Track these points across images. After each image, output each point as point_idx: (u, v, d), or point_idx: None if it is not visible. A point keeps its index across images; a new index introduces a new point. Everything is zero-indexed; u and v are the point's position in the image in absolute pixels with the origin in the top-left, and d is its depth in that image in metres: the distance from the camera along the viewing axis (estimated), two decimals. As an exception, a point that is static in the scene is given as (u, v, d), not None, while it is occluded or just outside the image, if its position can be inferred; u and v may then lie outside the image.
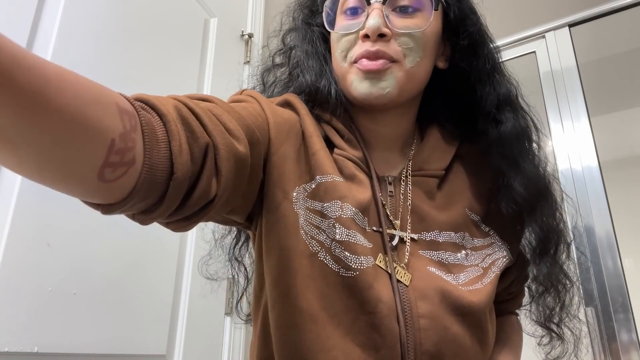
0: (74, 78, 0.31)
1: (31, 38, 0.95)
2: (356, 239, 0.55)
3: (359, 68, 0.58)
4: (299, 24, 0.70)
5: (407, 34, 0.58)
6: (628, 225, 1.55)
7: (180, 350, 1.16)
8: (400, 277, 0.55)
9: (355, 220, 0.56)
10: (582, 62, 1.58)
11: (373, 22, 0.56)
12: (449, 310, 0.55)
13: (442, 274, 0.57)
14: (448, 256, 0.59)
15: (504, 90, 0.64)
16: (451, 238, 0.60)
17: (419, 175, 0.63)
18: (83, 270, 0.96)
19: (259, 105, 0.58)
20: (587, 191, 1.43)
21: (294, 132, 0.59)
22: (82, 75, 0.32)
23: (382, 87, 0.57)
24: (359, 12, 0.60)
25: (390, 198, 0.61)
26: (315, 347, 0.52)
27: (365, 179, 0.60)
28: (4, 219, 0.84)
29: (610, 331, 1.29)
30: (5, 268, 0.83)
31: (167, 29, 1.31)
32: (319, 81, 0.62)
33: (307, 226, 0.55)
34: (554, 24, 1.64)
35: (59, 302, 0.90)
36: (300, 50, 0.67)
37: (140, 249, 1.10)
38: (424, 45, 0.59)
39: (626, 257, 1.37)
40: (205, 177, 0.43)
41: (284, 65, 0.71)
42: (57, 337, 0.89)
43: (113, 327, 1.00)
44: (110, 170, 0.34)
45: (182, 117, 0.42)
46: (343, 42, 0.60)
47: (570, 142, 1.50)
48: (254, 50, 1.68)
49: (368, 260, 0.54)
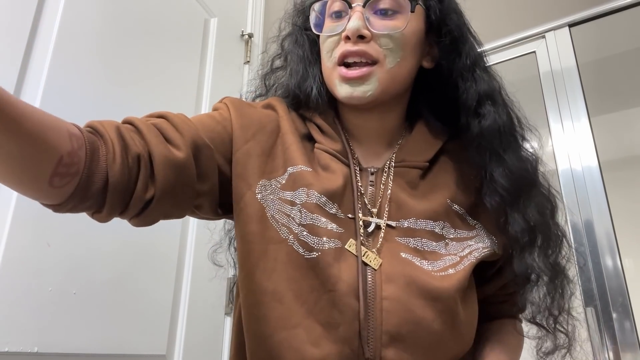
0: (39, 112, 0.44)
1: (31, 38, 0.95)
2: (319, 222, 0.58)
3: (340, 74, 0.62)
4: (294, 29, 0.74)
5: (387, 35, 0.61)
6: (628, 225, 1.55)
7: (180, 350, 1.16)
8: (369, 261, 0.58)
9: (321, 205, 0.59)
10: (582, 62, 1.57)
11: (353, 24, 0.60)
12: (416, 294, 0.56)
13: (415, 260, 0.59)
14: (424, 243, 0.60)
15: (484, 86, 0.66)
16: (429, 226, 0.61)
17: (402, 166, 0.65)
18: (83, 270, 0.96)
19: (228, 110, 0.65)
20: (587, 191, 1.43)
21: (266, 131, 0.65)
22: (45, 112, 0.45)
23: (364, 91, 0.61)
24: (343, 15, 0.63)
25: (370, 187, 0.64)
26: (279, 325, 0.56)
27: (340, 169, 0.63)
28: (4, 219, 0.84)
29: (610, 331, 1.29)
30: (5, 268, 0.83)
31: (167, 29, 1.31)
32: (301, 84, 0.68)
33: (277, 214, 0.60)
34: (554, 24, 1.64)
35: (59, 302, 0.90)
36: (291, 55, 0.72)
37: (140, 249, 1.10)
38: (403, 45, 0.62)
39: (626, 257, 1.37)
40: (141, 181, 0.52)
41: (283, 68, 0.75)
42: (57, 337, 0.89)
43: (113, 327, 1.00)
44: (58, 179, 0.46)
45: (119, 134, 0.52)
46: (328, 43, 0.64)
47: (570, 142, 1.50)
48: (254, 50, 1.68)
49: (331, 242, 0.58)
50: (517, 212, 0.64)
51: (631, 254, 1.58)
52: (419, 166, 0.65)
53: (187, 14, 1.41)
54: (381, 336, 0.55)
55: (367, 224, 0.61)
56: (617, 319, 1.29)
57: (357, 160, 0.67)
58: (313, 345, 0.55)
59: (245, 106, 0.67)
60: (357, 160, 0.66)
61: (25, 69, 0.93)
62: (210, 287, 0.87)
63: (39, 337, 0.86)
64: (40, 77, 0.95)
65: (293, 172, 0.62)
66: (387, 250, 0.59)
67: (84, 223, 0.99)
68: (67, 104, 0.98)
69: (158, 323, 1.12)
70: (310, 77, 0.68)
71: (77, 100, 1.01)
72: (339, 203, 0.61)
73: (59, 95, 0.97)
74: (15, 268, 0.84)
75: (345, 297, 0.55)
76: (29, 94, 0.92)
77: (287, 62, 0.73)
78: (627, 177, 1.89)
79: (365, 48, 0.60)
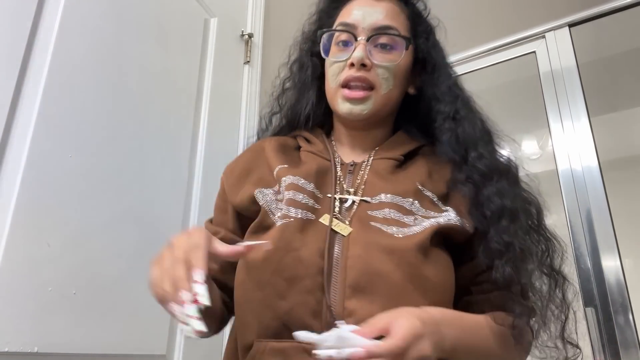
0: None
1: (31, 38, 0.95)
2: (297, 197, 0.71)
3: (345, 94, 0.75)
4: (301, 54, 0.88)
5: (384, 66, 0.74)
6: (628, 225, 1.55)
7: (180, 350, 1.16)
8: (339, 229, 0.68)
9: (296, 183, 0.72)
10: (582, 62, 1.57)
11: (358, 54, 0.73)
12: (377, 250, 0.65)
13: (383, 227, 0.68)
14: (393, 215, 0.69)
15: (458, 105, 0.78)
16: (398, 201, 0.71)
17: (378, 159, 0.77)
18: (83, 270, 0.96)
19: (222, 185, 0.84)
20: (587, 191, 1.43)
21: (251, 162, 0.82)
22: None
23: (361, 109, 0.75)
24: (349, 45, 0.76)
25: (349, 175, 0.76)
26: (254, 286, 0.67)
27: (316, 161, 0.77)
28: (4, 219, 0.84)
29: (610, 331, 1.29)
30: (5, 268, 0.83)
31: (167, 29, 1.31)
32: (296, 108, 0.86)
33: (275, 209, 0.72)
34: (554, 24, 1.63)
35: (59, 302, 0.90)
36: (294, 80, 0.88)
37: (140, 249, 1.10)
38: (395, 76, 0.76)
39: (626, 257, 1.37)
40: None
41: (291, 88, 0.89)
42: (57, 337, 0.89)
43: (113, 327, 1.00)
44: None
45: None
46: (334, 67, 0.77)
47: (570, 142, 1.50)
48: (254, 50, 1.68)
49: (304, 213, 0.69)
50: (490, 192, 0.71)
51: (631, 254, 1.58)
52: (394, 158, 0.77)
53: (187, 14, 1.41)
54: (345, 289, 0.63)
55: (344, 201, 0.72)
56: (617, 319, 1.29)
57: (340, 157, 0.80)
58: (280, 298, 0.64)
59: (234, 167, 0.84)
60: (339, 157, 0.80)
61: (25, 69, 0.93)
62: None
63: (39, 337, 0.86)
64: (40, 77, 0.95)
65: (276, 171, 0.76)
66: (358, 220, 0.69)
67: (83, 223, 0.99)
68: (67, 104, 0.98)
69: (158, 323, 1.12)
70: (302, 102, 0.85)
71: (77, 100, 1.01)
72: (316, 184, 0.73)
73: (59, 95, 0.97)
74: (15, 268, 0.84)
75: (310, 256, 0.65)
76: (29, 94, 0.92)
77: (295, 82, 0.89)
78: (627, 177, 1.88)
79: (366, 75, 0.74)
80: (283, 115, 0.89)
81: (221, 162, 1.44)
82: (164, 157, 1.23)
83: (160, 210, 1.18)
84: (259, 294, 0.65)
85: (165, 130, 1.25)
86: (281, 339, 0.63)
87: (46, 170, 0.92)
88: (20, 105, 0.91)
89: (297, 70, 0.88)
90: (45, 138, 0.93)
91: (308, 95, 0.84)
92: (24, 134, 0.90)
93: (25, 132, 0.90)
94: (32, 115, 0.92)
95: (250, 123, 1.58)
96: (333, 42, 0.79)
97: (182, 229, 1.25)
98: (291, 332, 0.61)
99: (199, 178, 1.33)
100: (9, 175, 0.87)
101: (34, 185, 0.89)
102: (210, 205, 1.36)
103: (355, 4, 0.79)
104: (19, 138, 0.89)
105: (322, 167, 0.76)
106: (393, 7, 0.78)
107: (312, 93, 0.84)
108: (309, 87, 0.85)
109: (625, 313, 1.28)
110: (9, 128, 0.88)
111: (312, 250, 0.66)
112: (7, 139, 0.88)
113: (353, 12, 0.77)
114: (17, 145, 0.89)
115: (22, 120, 0.90)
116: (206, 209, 1.33)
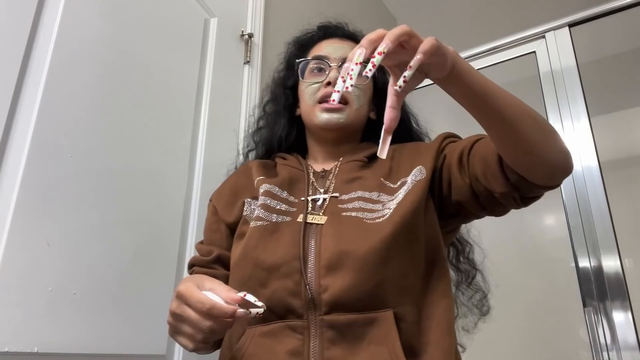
0: None
1: (31, 38, 0.95)
2: (272, 203, 0.82)
3: (324, 106, 0.90)
4: (275, 88, 1.06)
5: (355, 86, 0.81)
6: (628, 225, 1.55)
7: (180, 350, 1.16)
8: (315, 220, 0.78)
9: (270, 190, 0.85)
10: (582, 62, 1.57)
11: (334, 74, 0.91)
12: (348, 230, 0.74)
13: (355, 213, 0.77)
14: (362, 205, 0.78)
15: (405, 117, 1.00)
16: (366, 195, 0.81)
17: (345, 162, 0.90)
18: (83, 270, 0.96)
19: (212, 209, 0.96)
20: (587, 191, 1.43)
21: (239, 181, 0.95)
22: None
23: (338, 117, 0.90)
24: (322, 71, 0.94)
25: (321, 179, 0.88)
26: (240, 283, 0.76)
27: (289, 171, 0.90)
28: (4, 219, 0.84)
29: (611, 331, 1.29)
30: (5, 268, 0.83)
31: (167, 29, 1.31)
32: (269, 136, 1.01)
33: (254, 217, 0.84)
34: (554, 24, 1.63)
35: (59, 302, 0.90)
36: (269, 114, 1.04)
37: (140, 249, 1.10)
38: (364, 95, 0.94)
39: (626, 257, 1.37)
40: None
41: (264, 126, 1.05)
42: (57, 337, 0.89)
43: (113, 327, 1.00)
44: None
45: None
46: (311, 88, 0.93)
47: (570, 142, 1.49)
48: (254, 50, 1.68)
49: (280, 217, 0.80)
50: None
51: (631, 254, 1.58)
52: (359, 160, 0.89)
53: (187, 14, 1.41)
54: (319, 270, 0.71)
55: (317, 200, 0.83)
56: (617, 319, 1.29)
57: (312, 168, 0.92)
58: (262, 287, 0.73)
59: (221, 191, 0.97)
60: (311, 167, 0.92)
61: (25, 69, 0.93)
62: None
63: (39, 337, 0.86)
64: (40, 77, 0.95)
65: (256, 181, 0.89)
66: (331, 212, 0.79)
67: (83, 223, 0.99)
68: (67, 104, 0.98)
69: (158, 323, 1.12)
70: (278, 126, 1.00)
71: (77, 100, 1.01)
72: (289, 191, 0.85)
73: (59, 95, 0.97)
74: (15, 268, 0.84)
75: (287, 247, 0.74)
76: (29, 94, 0.92)
77: (267, 122, 1.04)
78: (627, 177, 1.88)
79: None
80: (260, 143, 1.04)
81: (221, 162, 1.44)
82: (164, 157, 1.23)
83: (160, 211, 1.18)
84: (244, 288, 0.69)
85: (165, 130, 1.25)
86: (268, 322, 0.71)
87: (46, 170, 0.92)
88: (20, 105, 0.91)
89: (271, 102, 1.05)
90: (45, 138, 0.93)
91: (280, 123, 1.00)
92: (24, 134, 0.90)
93: (25, 132, 0.90)
94: (32, 115, 0.92)
95: (250, 123, 1.58)
96: (307, 70, 0.96)
97: (182, 229, 1.25)
98: (276, 315, 0.71)
99: (199, 178, 1.33)
100: (9, 175, 0.87)
101: (34, 185, 0.89)
102: (210, 205, 1.36)
103: (325, 43, 0.98)
104: (19, 138, 0.89)
105: (295, 176, 0.89)
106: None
107: (285, 121, 1.00)
108: (281, 114, 1.01)
109: (625, 313, 1.28)
110: (9, 128, 0.88)
111: (288, 242, 0.75)
112: (7, 139, 0.88)
113: (324, 47, 0.97)
114: (17, 145, 0.89)
115: (22, 120, 0.90)
116: (206, 210, 1.33)
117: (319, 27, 1.05)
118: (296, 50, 1.04)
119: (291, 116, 1.01)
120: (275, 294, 0.71)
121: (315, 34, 1.03)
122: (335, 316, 0.68)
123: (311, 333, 0.68)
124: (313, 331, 0.68)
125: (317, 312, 0.69)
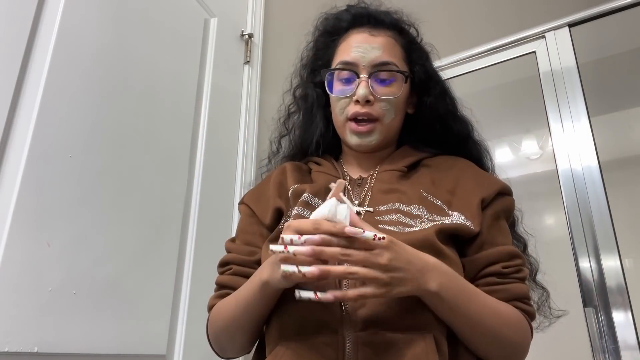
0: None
1: (31, 38, 0.95)
2: (304, 213, 0.76)
3: (353, 128, 0.83)
4: (302, 82, 0.96)
5: (386, 100, 0.81)
6: (628, 225, 1.55)
7: (180, 350, 1.16)
8: None
9: (306, 200, 0.79)
10: (582, 62, 1.57)
11: (362, 92, 0.80)
12: None
13: (390, 227, 0.73)
14: (399, 218, 0.74)
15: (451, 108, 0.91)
16: (403, 207, 0.76)
17: (383, 171, 0.84)
18: (83, 270, 0.96)
19: (248, 210, 0.88)
20: (587, 191, 1.43)
21: (272, 184, 0.87)
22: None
23: (369, 140, 0.83)
24: (351, 81, 0.82)
25: (357, 187, 0.82)
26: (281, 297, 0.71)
27: (325, 178, 0.84)
28: (4, 219, 0.84)
29: (611, 331, 1.29)
30: (5, 268, 0.83)
31: (167, 29, 1.31)
32: (305, 136, 0.94)
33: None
34: (554, 24, 1.63)
35: (59, 302, 0.90)
36: (300, 107, 0.96)
37: (140, 249, 1.10)
38: (396, 105, 0.83)
39: (626, 257, 1.37)
40: None
41: (295, 112, 0.98)
42: (57, 337, 0.89)
43: (113, 327, 1.00)
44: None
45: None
46: (340, 103, 0.84)
47: (570, 142, 1.49)
48: (254, 50, 1.68)
49: None
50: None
51: (631, 254, 1.58)
52: (397, 169, 0.83)
53: (187, 14, 1.41)
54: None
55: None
56: (617, 319, 1.29)
57: (348, 174, 0.87)
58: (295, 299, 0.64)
59: (258, 193, 0.90)
60: (347, 174, 0.87)
61: (25, 69, 0.93)
62: (210, 287, 0.87)
63: (39, 337, 0.86)
64: (40, 77, 0.95)
65: (291, 191, 0.83)
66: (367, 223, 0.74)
67: (83, 223, 0.99)
68: (67, 104, 0.99)
69: (158, 323, 1.12)
70: (311, 131, 0.93)
71: (77, 100, 1.01)
72: (324, 199, 0.77)
73: (59, 95, 0.97)
74: (15, 268, 0.84)
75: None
76: (29, 94, 0.92)
77: (299, 107, 0.96)
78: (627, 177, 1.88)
79: (370, 110, 0.81)
80: (293, 141, 0.97)
81: (221, 162, 1.44)
82: (164, 157, 1.23)
83: (160, 210, 1.18)
84: (282, 304, 0.71)
85: (166, 130, 1.25)
86: (302, 335, 0.68)
87: (46, 170, 0.92)
88: (20, 105, 0.91)
89: (301, 99, 0.96)
90: (45, 138, 0.93)
91: (315, 124, 0.92)
92: (24, 134, 0.90)
93: (25, 132, 0.90)
94: (32, 115, 0.92)
95: (250, 123, 1.58)
96: (335, 78, 0.85)
97: (182, 229, 1.25)
98: (310, 329, 0.68)
99: (199, 178, 1.33)
100: (9, 175, 0.87)
101: (34, 185, 0.89)
102: (210, 206, 1.36)
103: (353, 40, 0.84)
104: (19, 138, 0.89)
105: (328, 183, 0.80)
106: (389, 39, 0.84)
107: (319, 121, 0.92)
108: (315, 115, 0.93)
109: (625, 313, 1.28)
110: (9, 128, 0.88)
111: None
112: (7, 139, 0.88)
113: (352, 50, 0.83)
114: (17, 145, 0.89)
115: (22, 120, 0.90)
116: (206, 209, 1.33)
117: (348, 7, 0.92)
118: (323, 38, 0.93)
119: (326, 115, 0.92)
120: (308, 307, 0.67)
121: (344, 18, 0.90)
122: (373, 334, 0.65)
123: (347, 350, 0.65)
124: (349, 348, 0.65)
125: (353, 328, 0.66)
